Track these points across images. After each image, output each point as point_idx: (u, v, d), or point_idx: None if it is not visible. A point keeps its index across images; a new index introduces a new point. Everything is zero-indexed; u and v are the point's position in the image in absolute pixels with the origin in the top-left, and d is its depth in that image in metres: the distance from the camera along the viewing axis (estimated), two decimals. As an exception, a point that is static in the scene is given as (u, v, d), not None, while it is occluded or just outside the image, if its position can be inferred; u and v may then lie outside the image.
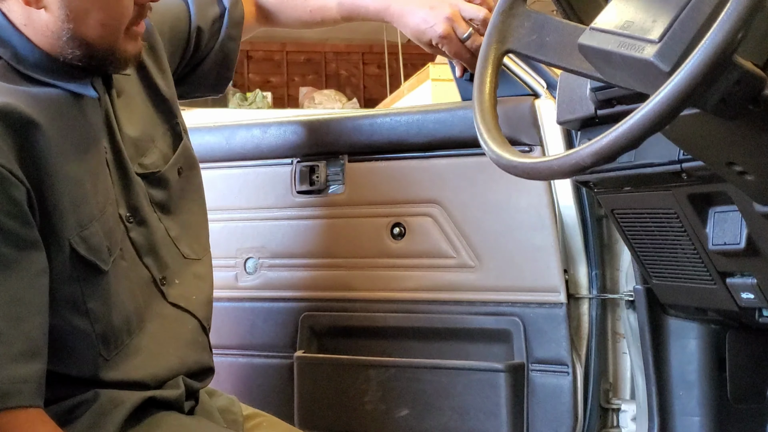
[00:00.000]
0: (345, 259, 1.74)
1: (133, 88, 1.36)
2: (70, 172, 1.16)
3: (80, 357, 1.18)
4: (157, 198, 1.33)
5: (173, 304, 1.32)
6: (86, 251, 1.17)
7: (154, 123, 1.37)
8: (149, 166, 1.32)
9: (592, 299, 1.57)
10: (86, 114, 1.22)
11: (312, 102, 6.77)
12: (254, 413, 1.42)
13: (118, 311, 1.21)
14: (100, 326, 1.19)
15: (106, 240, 1.20)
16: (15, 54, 1.17)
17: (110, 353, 1.21)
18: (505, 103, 1.49)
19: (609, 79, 0.90)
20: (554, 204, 1.56)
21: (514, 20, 0.98)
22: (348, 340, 1.75)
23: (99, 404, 1.18)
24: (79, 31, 1.15)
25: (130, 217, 1.27)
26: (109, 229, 1.21)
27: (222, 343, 1.81)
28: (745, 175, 0.96)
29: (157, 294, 1.31)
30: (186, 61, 1.52)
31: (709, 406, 1.46)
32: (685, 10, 0.79)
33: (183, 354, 1.31)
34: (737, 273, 1.22)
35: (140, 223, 1.29)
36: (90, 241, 1.17)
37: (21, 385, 1.08)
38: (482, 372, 1.59)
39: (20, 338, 1.08)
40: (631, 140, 0.77)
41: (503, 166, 0.91)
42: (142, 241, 1.28)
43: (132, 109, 1.33)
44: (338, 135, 1.72)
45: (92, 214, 1.18)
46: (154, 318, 1.29)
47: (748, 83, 0.78)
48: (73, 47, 1.16)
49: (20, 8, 1.15)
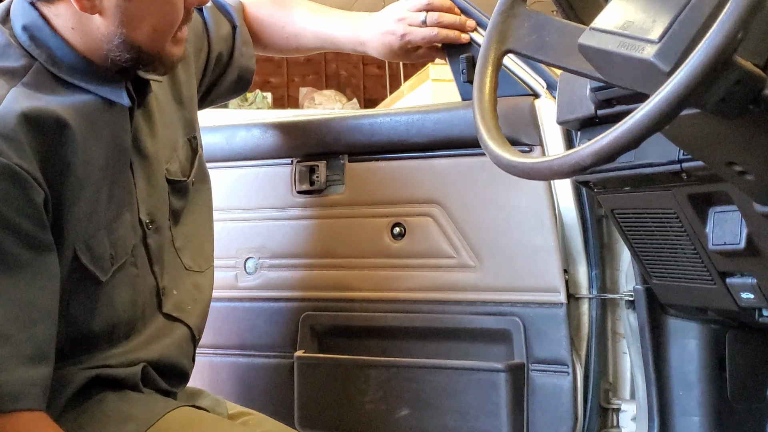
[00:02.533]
0: (345, 259, 1.74)
1: (164, 95, 1.36)
2: (92, 179, 1.17)
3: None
4: (174, 206, 1.34)
5: (167, 314, 1.32)
6: (89, 260, 1.17)
7: (178, 132, 1.38)
8: (174, 173, 1.33)
9: (592, 299, 1.57)
10: (116, 119, 1.22)
11: (312, 102, 6.77)
12: (240, 412, 1.42)
13: (104, 321, 1.21)
14: (74, 331, 1.18)
15: (111, 249, 1.20)
16: (50, 56, 1.17)
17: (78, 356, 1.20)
18: (505, 103, 1.49)
19: (609, 79, 0.90)
20: (554, 204, 1.56)
21: (514, 20, 0.98)
22: (348, 340, 1.75)
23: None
24: (131, 36, 1.15)
25: (150, 224, 1.27)
26: (119, 238, 1.21)
27: (222, 343, 1.81)
28: (745, 175, 0.96)
29: (155, 304, 1.30)
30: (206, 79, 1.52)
31: (709, 406, 1.46)
32: (685, 10, 0.79)
33: (159, 352, 1.29)
34: (737, 273, 1.22)
35: (157, 230, 1.29)
36: (94, 249, 1.17)
37: (29, 388, 1.08)
38: (482, 372, 1.59)
39: (30, 342, 1.09)
40: (631, 140, 0.77)
41: (503, 166, 0.91)
42: (155, 247, 1.29)
43: (163, 114, 1.34)
44: (338, 135, 1.72)
45: (101, 222, 1.18)
46: (145, 328, 1.28)
47: (748, 83, 0.78)
48: (122, 51, 1.16)
49: (71, 13, 1.15)
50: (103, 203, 1.19)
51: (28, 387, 1.08)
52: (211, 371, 1.83)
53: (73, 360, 1.19)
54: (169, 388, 1.31)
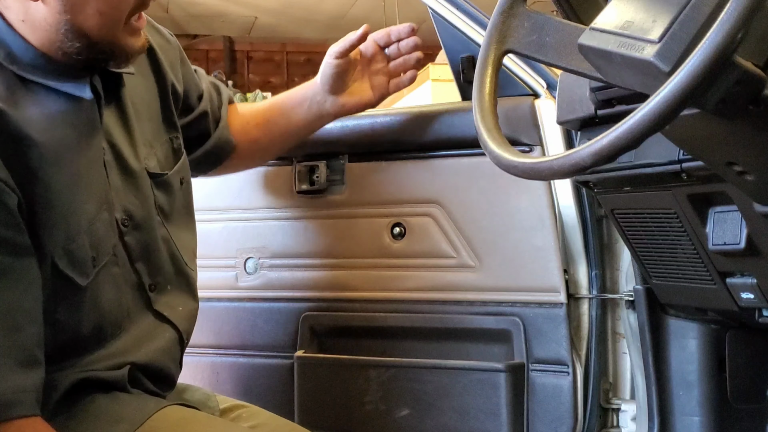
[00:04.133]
0: (345, 259, 1.74)
1: (148, 90, 1.34)
2: (63, 180, 1.14)
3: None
4: (161, 201, 1.32)
5: (157, 312, 1.30)
6: (67, 265, 1.15)
7: (159, 129, 1.36)
8: (153, 168, 1.32)
9: (592, 299, 1.57)
10: (83, 115, 1.20)
11: (312, 102, 6.77)
12: (234, 405, 1.40)
13: (90, 323, 1.19)
14: (63, 336, 1.17)
15: (92, 251, 1.18)
16: (9, 54, 1.15)
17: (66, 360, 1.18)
18: (505, 103, 1.49)
19: (609, 79, 0.90)
20: (554, 204, 1.56)
21: (514, 20, 0.98)
22: (348, 340, 1.75)
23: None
24: (77, 21, 1.12)
25: (126, 221, 1.25)
26: (100, 238, 1.19)
27: (222, 343, 1.82)
28: (745, 175, 0.96)
29: (143, 300, 1.28)
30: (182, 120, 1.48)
31: (709, 406, 1.46)
32: (685, 10, 0.79)
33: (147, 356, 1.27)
34: (737, 273, 1.22)
35: (136, 227, 1.27)
36: (75, 254, 1.15)
37: (21, 395, 1.07)
38: (482, 372, 1.59)
39: (18, 348, 1.07)
40: (631, 140, 0.77)
41: (503, 166, 0.91)
42: (135, 245, 1.26)
43: (141, 108, 1.32)
44: (338, 135, 1.72)
45: (81, 225, 1.16)
46: (132, 326, 1.26)
47: (748, 83, 0.78)
48: (71, 40, 1.14)
49: (17, 3, 1.12)
50: (82, 205, 1.17)
51: (20, 394, 1.06)
52: (211, 371, 1.83)
53: (61, 364, 1.17)
54: (156, 390, 1.29)
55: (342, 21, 6.77)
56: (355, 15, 6.61)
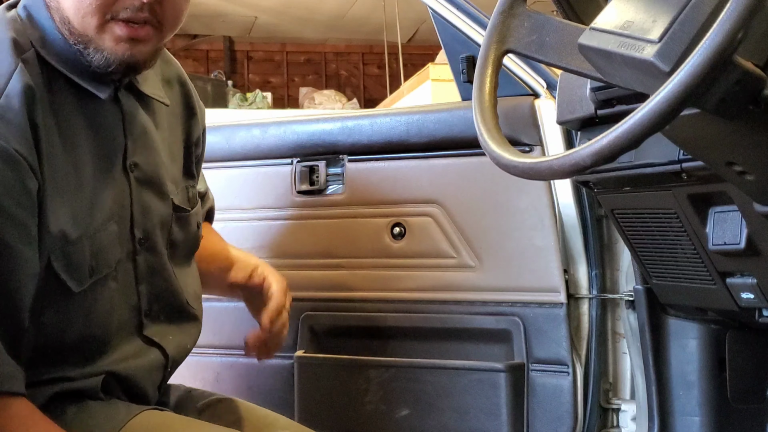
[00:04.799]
0: (345, 259, 1.74)
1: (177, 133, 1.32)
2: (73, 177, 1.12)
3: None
4: (175, 236, 1.28)
5: (146, 337, 1.24)
6: (62, 267, 1.10)
7: (179, 173, 1.32)
8: (179, 202, 1.29)
9: (592, 299, 1.57)
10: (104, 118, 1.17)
11: (312, 102, 6.77)
12: (216, 400, 1.35)
13: (75, 332, 1.14)
14: (44, 341, 1.11)
15: (92, 260, 1.13)
16: (42, 38, 1.12)
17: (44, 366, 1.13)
18: (505, 103, 1.49)
19: (609, 79, 0.90)
20: (554, 204, 1.56)
21: (514, 20, 0.98)
22: (348, 340, 1.75)
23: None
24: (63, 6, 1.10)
25: (143, 241, 1.22)
26: (101, 249, 1.15)
27: (222, 343, 1.81)
28: (745, 175, 0.95)
29: (135, 323, 1.23)
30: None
31: (709, 406, 1.46)
32: (685, 10, 0.79)
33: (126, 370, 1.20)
34: (737, 273, 1.22)
35: (151, 250, 1.23)
36: (72, 257, 1.11)
37: (13, 370, 1.04)
38: (482, 372, 1.59)
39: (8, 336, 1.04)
40: (631, 140, 0.77)
41: (503, 166, 0.91)
42: (144, 267, 1.23)
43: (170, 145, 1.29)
44: (338, 135, 1.72)
45: (86, 229, 1.13)
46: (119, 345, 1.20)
47: (748, 83, 0.78)
48: (62, 25, 1.11)
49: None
50: (89, 210, 1.13)
51: (11, 368, 1.04)
52: (211, 371, 1.83)
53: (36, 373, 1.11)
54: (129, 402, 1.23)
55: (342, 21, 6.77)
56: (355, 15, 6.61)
